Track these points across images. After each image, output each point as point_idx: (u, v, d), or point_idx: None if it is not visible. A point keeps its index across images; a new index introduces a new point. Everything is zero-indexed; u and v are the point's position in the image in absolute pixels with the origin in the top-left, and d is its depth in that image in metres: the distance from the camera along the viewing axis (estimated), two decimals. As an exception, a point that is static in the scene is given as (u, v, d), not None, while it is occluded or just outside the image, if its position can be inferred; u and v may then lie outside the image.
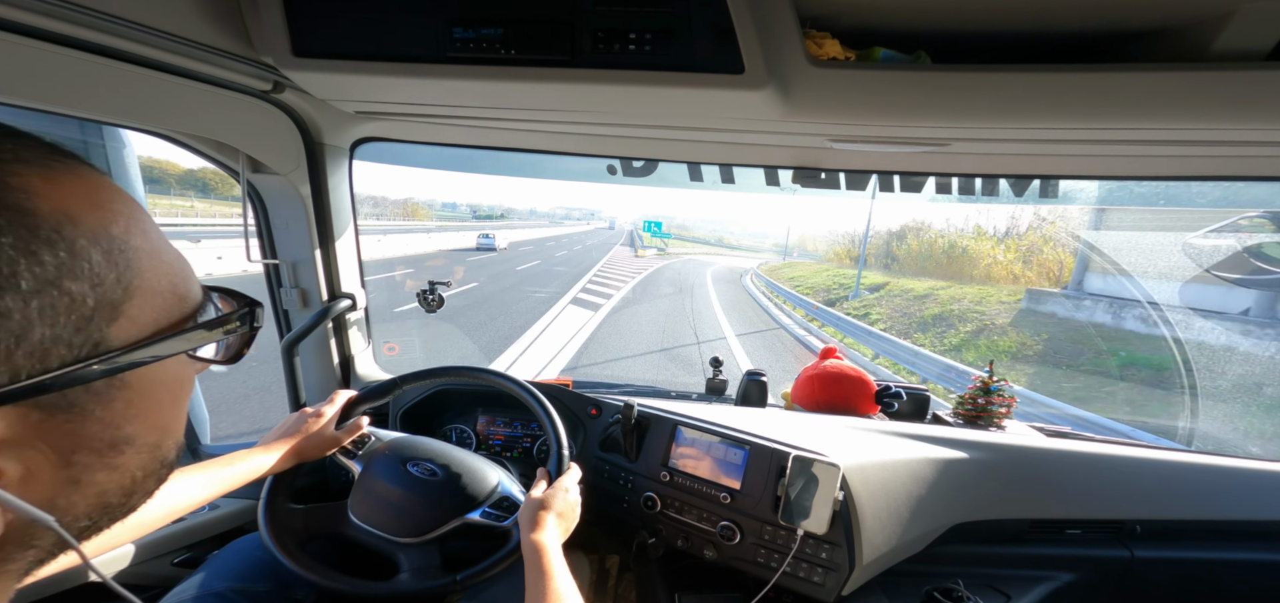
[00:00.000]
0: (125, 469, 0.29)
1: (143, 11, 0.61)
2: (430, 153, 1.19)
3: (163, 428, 0.31)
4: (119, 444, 0.28)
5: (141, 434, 0.29)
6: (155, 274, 0.29)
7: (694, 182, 1.21)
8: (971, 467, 1.14)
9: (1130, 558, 1.17)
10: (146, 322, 0.28)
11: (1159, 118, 0.75)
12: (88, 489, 0.27)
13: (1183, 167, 1.06)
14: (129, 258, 0.27)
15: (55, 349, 0.24)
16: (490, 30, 0.68)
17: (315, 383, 1.25)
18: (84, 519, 0.28)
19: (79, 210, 0.25)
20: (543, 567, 0.69)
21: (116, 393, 0.27)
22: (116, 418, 0.27)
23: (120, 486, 0.29)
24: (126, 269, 0.27)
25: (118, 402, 0.27)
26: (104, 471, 0.28)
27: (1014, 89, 0.72)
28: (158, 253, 0.29)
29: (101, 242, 0.26)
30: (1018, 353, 11.08)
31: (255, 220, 1.12)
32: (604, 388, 1.36)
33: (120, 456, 0.28)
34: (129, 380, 0.27)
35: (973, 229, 23.52)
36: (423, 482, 0.90)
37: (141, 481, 0.30)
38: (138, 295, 0.27)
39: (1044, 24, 0.72)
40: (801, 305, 15.90)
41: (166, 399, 0.31)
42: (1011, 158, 1.09)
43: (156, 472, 0.31)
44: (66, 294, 0.24)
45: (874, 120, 0.83)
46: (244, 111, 0.90)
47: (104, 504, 0.29)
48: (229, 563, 0.86)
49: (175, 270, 0.31)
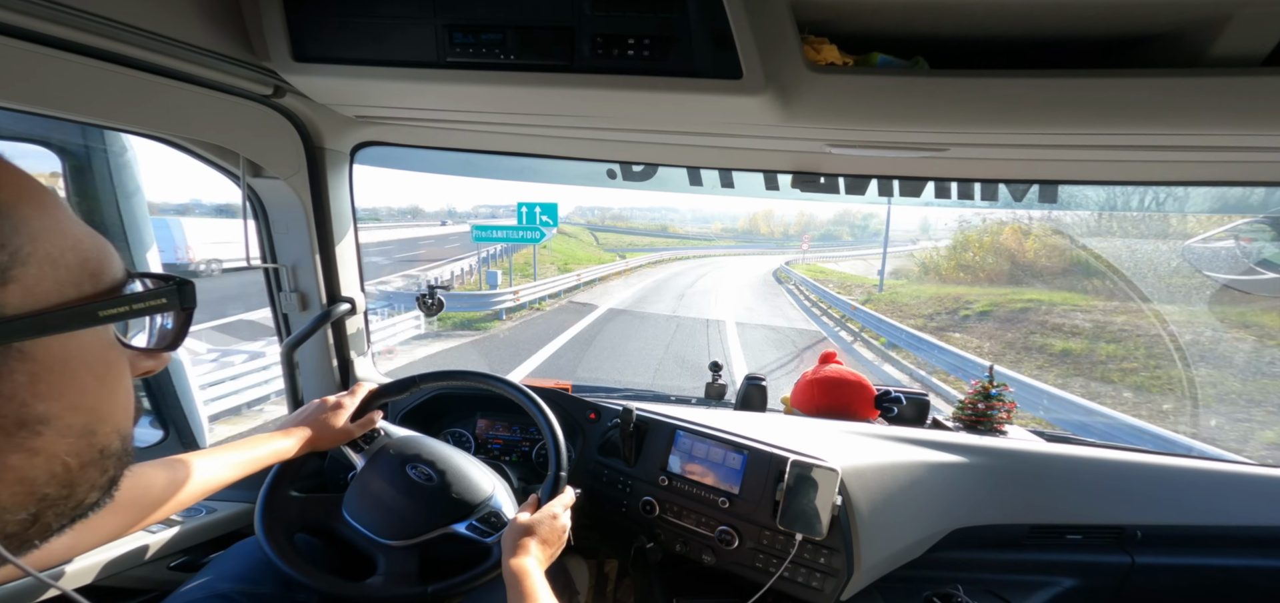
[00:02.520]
0: (50, 455, 0.27)
1: (144, 17, 0.62)
2: (430, 157, 1.19)
3: (90, 411, 0.29)
4: (31, 423, 0.26)
5: (60, 415, 0.27)
6: (56, 247, 0.27)
7: (693, 186, 1.21)
8: (971, 471, 1.14)
9: (1131, 564, 1.17)
10: (46, 293, 0.26)
11: (1157, 123, 0.75)
12: (5, 475, 0.25)
13: (1181, 172, 1.06)
14: (16, 224, 0.25)
15: None
16: (490, 35, 0.68)
17: (314, 387, 1.25)
18: (18, 511, 0.26)
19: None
20: (523, 591, 0.68)
21: (16, 365, 0.25)
22: (19, 393, 0.25)
23: (52, 474, 0.27)
24: (13, 234, 0.25)
25: (19, 375, 0.25)
26: (19, 453, 0.26)
27: (1011, 94, 0.72)
28: (60, 226, 0.28)
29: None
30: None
31: (255, 224, 1.12)
32: (603, 392, 1.36)
33: (36, 437, 0.26)
34: (31, 352, 0.25)
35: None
36: (417, 485, 0.90)
37: (79, 471, 0.28)
38: (32, 263, 0.26)
39: (1041, 30, 0.72)
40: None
41: (89, 379, 0.28)
42: (1010, 163, 1.09)
43: (97, 462, 0.29)
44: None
45: (872, 125, 0.83)
46: (244, 116, 0.91)
47: (38, 496, 0.27)
48: (233, 565, 0.86)
49: (86, 246, 0.29)
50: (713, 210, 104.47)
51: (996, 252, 17.83)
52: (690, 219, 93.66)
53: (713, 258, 39.86)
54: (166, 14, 0.64)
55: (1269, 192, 1.17)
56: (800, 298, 19.02)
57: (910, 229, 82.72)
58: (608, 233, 56.08)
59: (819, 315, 15.29)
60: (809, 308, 16.60)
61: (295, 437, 0.86)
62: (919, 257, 23.07)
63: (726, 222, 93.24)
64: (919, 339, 10.11)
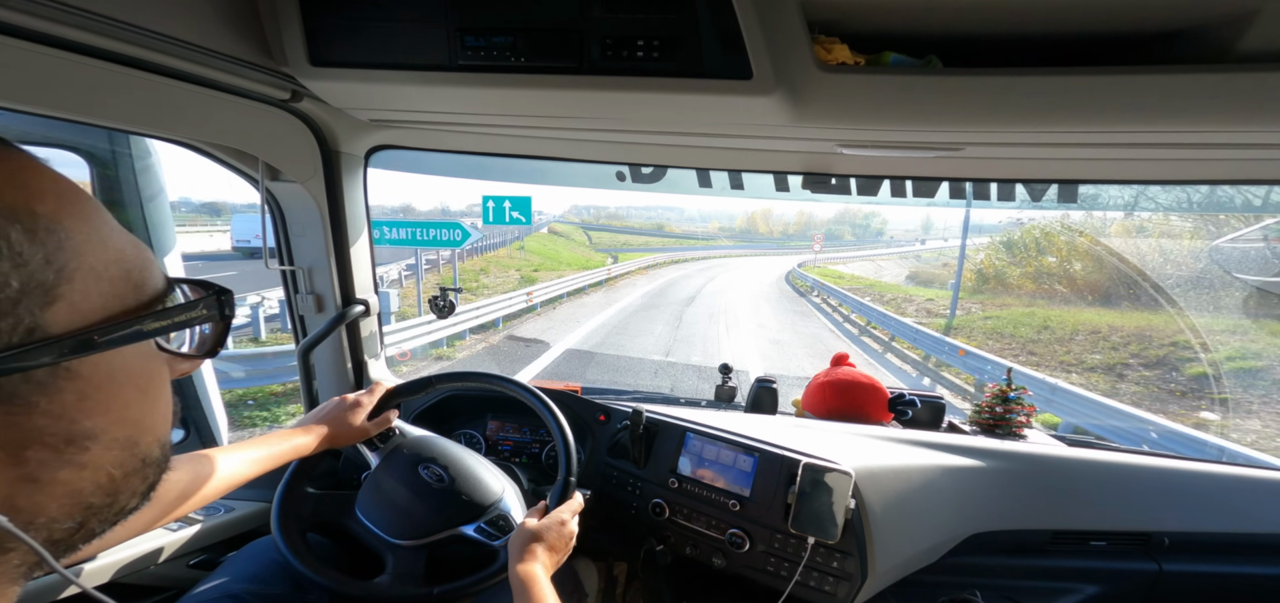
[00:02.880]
0: (97, 467, 0.27)
1: (166, 22, 0.63)
2: (442, 160, 1.20)
3: (134, 423, 0.29)
4: (79, 439, 0.26)
5: (106, 429, 0.27)
6: (100, 259, 0.27)
7: (702, 187, 1.21)
8: (989, 475, 1.12)
9: (1158, 572, 1.13)
10: (91, 308, 0.26)
11: (1181, 121, 0.73)
12: (54, 489, 0.26)
13: (1208, 170, 1.03)
14: (61, 239, 0.25)
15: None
16: (500, 38, 0.69)
17: (330, 388, 1.27)
18: (65, 521, 0.27)
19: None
20: (530, 598, 0.69)
21: (65, 383, 0.25)
22: (68, 411, 0.25)
23: (98, 485, 0.27)
24: (58, 250, 0.25)
25: (67, 393, 0.25)
26: (68, 469, 0.26)
27: (1029, 93, 0.71)
28: (103, 238, 0.27)
29: (21, 220, 0.24)
30: None
31: (273, 227, 1.14)
32: (612, 394, 1.36)
33: (84, 452, 0.26)
34: (79, 370, 0.25)
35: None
36: (427, 486, 0.91)
37: (123, 480, 0.29)
38: (77, 279, 0.25)
39: (1058, 26, 0.71)
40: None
41: (132, 393, 0.29)
42: (1028, 162, 1.07)
43: (139, 470, 0.30)
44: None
45: (884, 125, 0.82)
46: (263, 120, 0.93)
47: (84, 505, 0.27)
48: (246, 565, 0.88)
49: (129, 257, 0.29)
50: (710, 210, 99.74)
51: (1089, 256, 13.66)
52: (687, 219, 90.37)
53: (713, 260, 36.19)
54: (189, 21, 0.66)
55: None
56: (832, 314, 14.41)
57: (911, 228, 77.32)
58: (602, 232, 52.75)
59: (871, 344, 11.02)
60: (850, 331, 12.48)
61: (314, 434, 0.88)
62: (976, 261, 17.87)
63: (724, 221, 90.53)
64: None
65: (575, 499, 0.87)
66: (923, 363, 9.57)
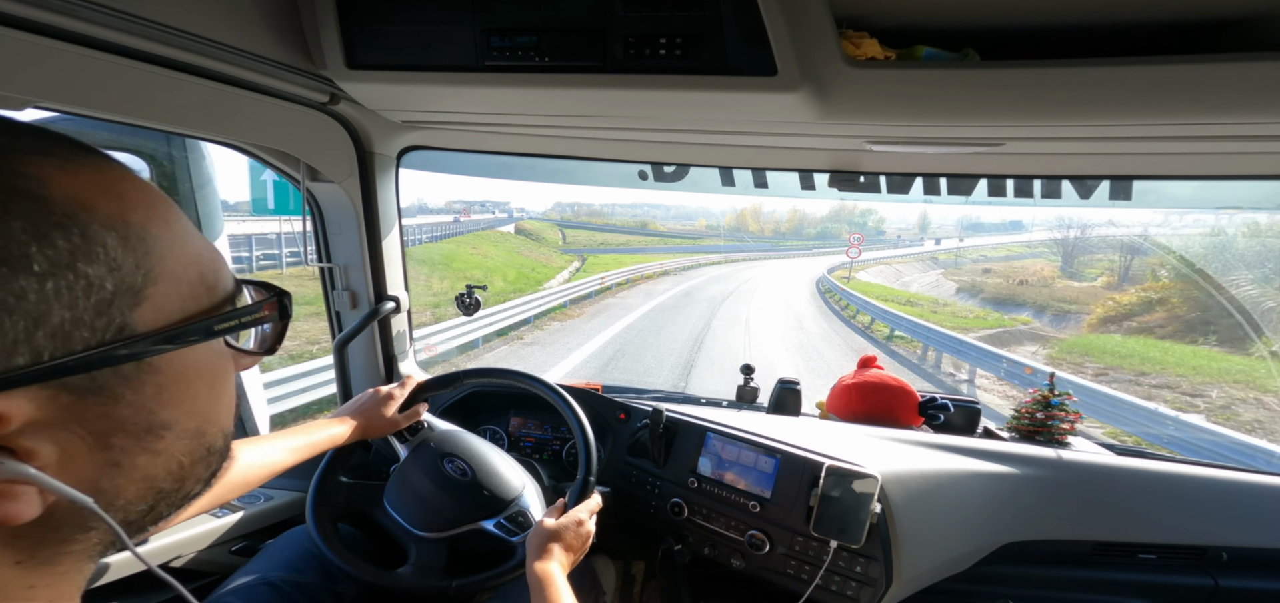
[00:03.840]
0: (169, 455, 0.30)
1: (215, 28, 0.67)
2: (470, 160, 1.23)
3: (202, 415, 0.31)
4: (156, 428, 0.28)
5: (179, 420, 0.30)
6: (180, 263, 0.29)
7: (726, 186, 1.20)
8: (1027, 483, 1.07)
9: (1214, 587, 1.06)
10: (172, 308, 0.28)
11: (1245, 112, 0.68)
12: (132, 474, 0.28)
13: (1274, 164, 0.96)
14: (148, 245, 0.27)
15: (77, 332, 0.24)
16: (525, 38, 0.70)
17: (363, 381, 1.32)
18: (139, 503, 0.29)
19: (93, 199, 0.26)
20: (547, 596, 0.70)
21: (147, 377, 0.27)
22: (148, 402, 0.28)
23: (168, 471, 0.30)
24: (145, 255, 0.27)
25: (148, 386, 0.28)
26: (145, 455, 0.28)
27: (1076, 85, 0.67)
28: (182, 243, 0.30)
29: (117, 228, 0.26)
30: None
31: (313, 226, 1.20)
32: (633, 393, 1.36)
33: (160, 440, 0.29)
34: (158, 365, 0.28)
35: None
36: (451, 480, 0.93)
37: (190, 467, 0.31)
38: (161, 282, 0.28)
39: (1108, 15, 0.67)
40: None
41: (202, 387, 0.31)
42: (1076, 157, 1.02)
43: (205, 458, 0.32)
44: (83, 278, 0.25)
45: (917, 121, 0.79)
46: (304, 122, 0.97)
47: (156, 489, 0.30)
48: (281, 553, 0.93)
49: (204, 261, 0.31)
50: (696, 207, 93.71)
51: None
52: (673, 216, 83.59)
53: (703, 267, 27.44)
54: (236, 27, 0.70)
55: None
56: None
57: (909, 226, 67.08)
58: (579, 231, 46.77)
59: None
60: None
61: (348, 425, 0.92)
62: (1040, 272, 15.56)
63: (712, 219, 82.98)
64: None
65: (593, 499, 0.88)
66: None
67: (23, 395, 0.23)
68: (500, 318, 9.89)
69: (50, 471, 0.25)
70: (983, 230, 56.60)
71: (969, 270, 27.30)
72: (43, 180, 0.25)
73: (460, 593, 0.85)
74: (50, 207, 0.24)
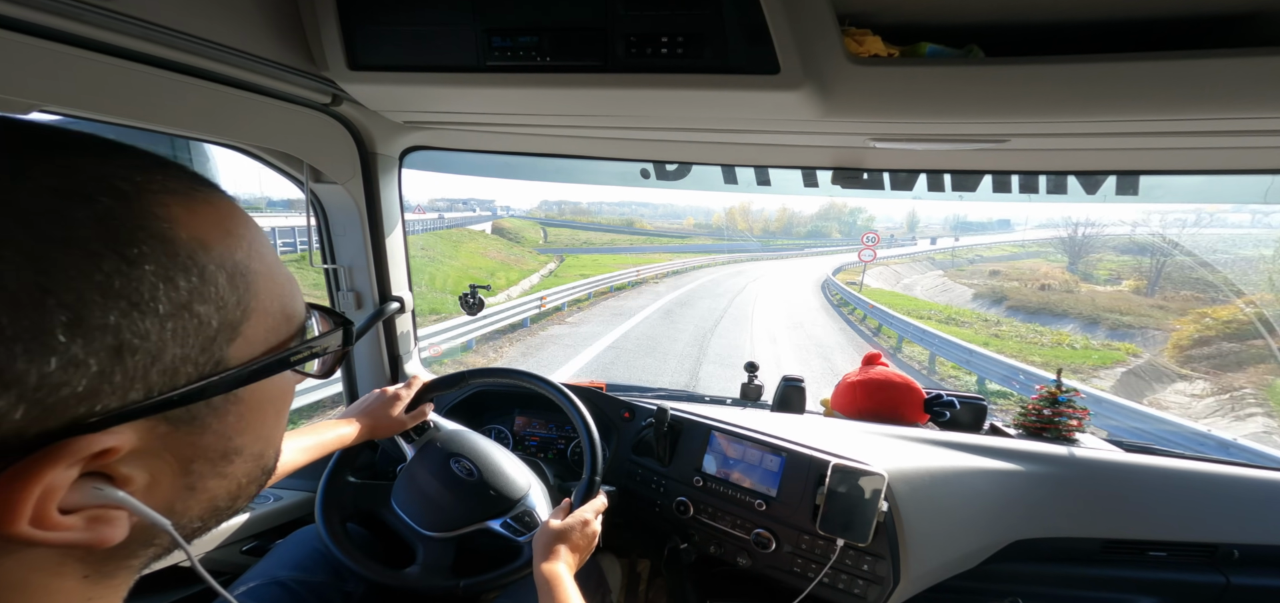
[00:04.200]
0: (233, 477, 0.31)
1: (218, 30, 0.68)
2: (472, 160, 1.23)
3: (266, 439, 0.33)
4: (230, 455, 0.30)
5: (249, 445, 0.31)
6: (269, 296, 0.30)
7: (728, 184, 1.19)
8: (1035, 480, 1.06)
9: (1226, 585, 1.05)
10: (259, 340, 0.30)
11: (1258, 107, 0.67)
12: (202, 496, 0.29)
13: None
14: (249, 281, 0.29)
15: (183, 368, 0.25)
16: (526, 38, 0.70)
17: (367, 382, 1.33)
18: (196, 522, 0.31)
19: (211, 238, 0.27)
20: (554, 597, 0.70)
21: (231, 407, 0.29)
22: (229, 430, 0.29)
23: (228, 492, 0.31)
24: (246, 292, 0.28)
25: (231, 416, 0.29)
26: (216, 479, 0.30)
27: (1082, 80, 0.67)
28: (272, 275, 0.31)
29: (227, 267, 0.27)
30: None
31: (317, 227, 1.20)
32: (637, 392, 1.36)
33: (231, 465, 0.30)
34: (242, 395, 0.29)
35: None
36: (459, 480, 0.94)
37: (245, 486, 0.33)
38: (253, 316, 0.29)
39: (1114, 10, 0.66)
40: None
41: (271, 412, 0.32)
42: (1082, 153, 1.01)
43: (258, 479, 0.34)
44: (196, 317, 0.26)
45: (921, 118, 0.79)
46: (307, 124, 0.98)
47: (214, 509, 0.31)
48: (291, 553, 0.93)
49: (285, 292, 0.32)
50: (686, 204, 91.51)
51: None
52: (661, 214, 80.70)
53: (691, 272, 23.68)
54: (238, 28, 0.70)
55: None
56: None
57: (896, 224, 64.68)
58: (562, 229, 44.57)
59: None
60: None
61: (356, 425, 0.92)
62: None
63: (700, 216, 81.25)
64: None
65: (599, 498, 0.88)
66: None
67: (130, 428, 0.24)
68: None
69: (138, 495, 0.26)
70: (971, 228, 55.00)
71: (973, 271, 25.16)
72: (171, 221, 0.25)
73: (467, 593, 0.85)
74: (176, 249, 0.25)
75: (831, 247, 49.70)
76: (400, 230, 1.27)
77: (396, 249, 1.26)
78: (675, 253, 33.21)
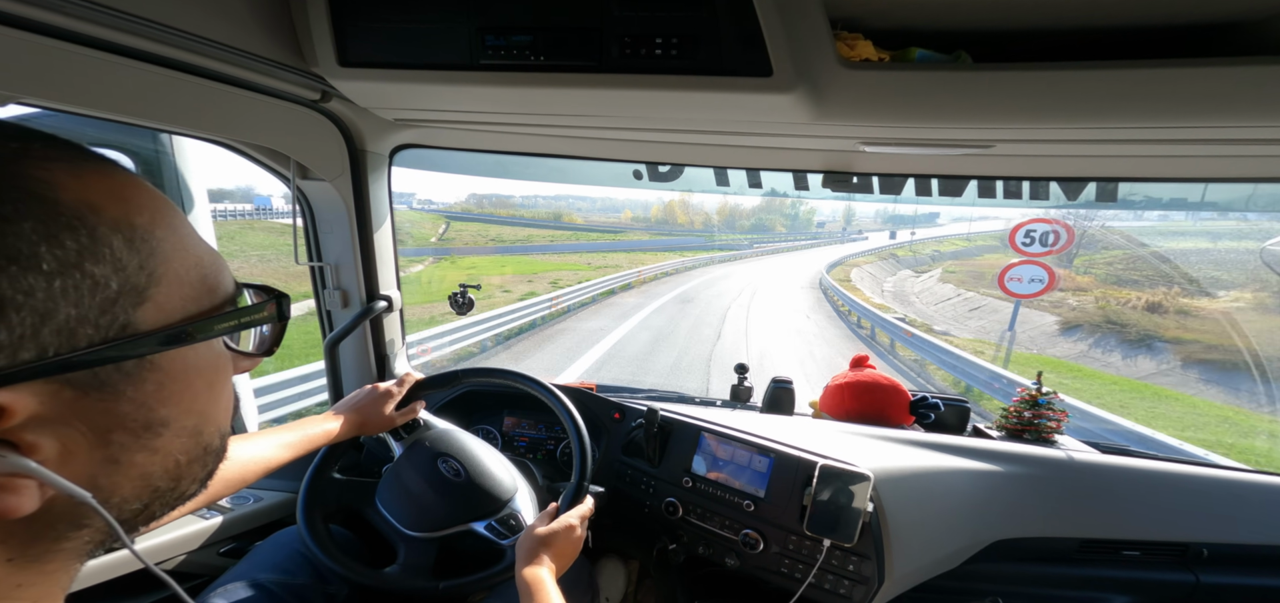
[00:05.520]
0: (166, 453, 0.30)
1: (205, 25, 0.66)
2: (463, 159, 1.23)
3: (200, 413, 0.32)
4: (154, 426, 0.29)
5: (177, 417, 0.30)
6: (183, 265, 0.30)
7: (721, 186, 1.20)
8: (1015, 481, 1.09)
9: (1195, 584, 1.09)
10: (174, 308, 0.29)
11: (1230, 115, 0.69)
12: (129, 470, 0.29)
13: (1262, 167, 0.98)
14: (153, 247, 0.28)
15: (81, 329, 0.25)
16: (520, 38, 0.70)
17: (354, 381, 1.31)
18: (134, 502, 0.30)
19: (101, 202, 0.27)
20: (537, 602, 0.69)
21: (148, 375, 0.28)
22: (148, 399, 0.28)
23: (165, 469, 0.30)
24: (150, 257, 0.28)
25: (148, 383, 0.28)
26: (143, 452, 0.29)
27: (1066, 88, 0.68)
28: (185, 246, 0.31)
29: (123, 230, 0.27)
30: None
31: (304, 224, 1.18)
32: (627, 393, 1.36)
33: (158, 438, 0.29)
34: (159, 363, 0.29)
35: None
36: (445, 481, 0.93)
37: (186, 465, 0.32)
38: (164, 283, 0.29)
39: (1094, 20, 0.68)
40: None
41: (201, 385, 0.32)
42: (1065, 160, 1.04)
43: (201, 458, 0.33)
44: (89, 277, 0.25)
45: (910, 122, 0.80)
46: (294, 120, 0.96)
47: (152, 488, 0.30)
48: (271, 555, 0.91)
49: (206, 264, 0.32)
50: (623, 197, 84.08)
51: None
52: (599, 208, 74.71)
53: (612, 297, 14.97)
54: (226, 24, 0.69)
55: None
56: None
57: (827, 218, 59.90)
58: (469, 223, 39.09)
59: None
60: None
61: (343, 421, 0.91)
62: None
63: (638, 210, 76.49)
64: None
65: (585, 503, 0.88)
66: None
67: (27, 390, 0.24)
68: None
69: (50, 465, 0.25)
70: (904, 222, 52.60)
71: (936, 266, 22.98)
72: (52, 184, 0.25)
73: (447, 595, 0.84)
74: (60, 209, 0.25)
75: (777, 240, 45.78)
76: (389, 229, 1.26)
77: (385, 248, 1.25)
78: (605, 250, 28.23)
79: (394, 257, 1.29)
